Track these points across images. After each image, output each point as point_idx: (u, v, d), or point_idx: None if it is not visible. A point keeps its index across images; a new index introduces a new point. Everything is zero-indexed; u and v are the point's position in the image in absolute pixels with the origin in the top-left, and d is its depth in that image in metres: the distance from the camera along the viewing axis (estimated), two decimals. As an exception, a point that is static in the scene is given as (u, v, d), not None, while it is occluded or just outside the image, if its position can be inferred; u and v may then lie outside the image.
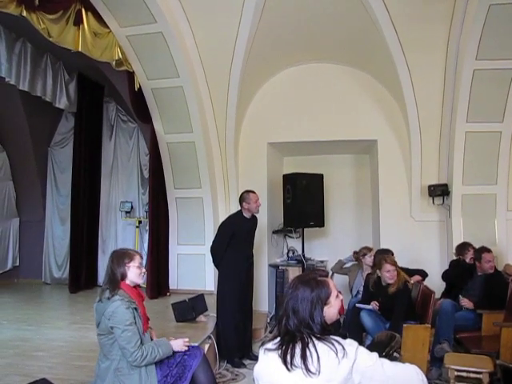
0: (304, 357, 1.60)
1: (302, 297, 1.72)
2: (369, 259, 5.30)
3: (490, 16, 4.72)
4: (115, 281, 2.78)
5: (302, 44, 6.16)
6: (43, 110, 7.38)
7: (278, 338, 1.72)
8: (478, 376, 3.24)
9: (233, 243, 4.62)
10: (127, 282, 2.83)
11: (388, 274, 4.30)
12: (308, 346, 1.62)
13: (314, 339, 1.64)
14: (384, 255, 4.64)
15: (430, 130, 5.97)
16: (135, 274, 2.85)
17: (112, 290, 2.73)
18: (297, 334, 1.66)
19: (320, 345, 1.62)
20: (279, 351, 1.66)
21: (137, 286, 2.96)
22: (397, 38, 5.38)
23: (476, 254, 4.71)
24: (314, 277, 1.80)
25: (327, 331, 1.68)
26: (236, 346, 4.59)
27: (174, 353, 2.88)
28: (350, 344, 1.64)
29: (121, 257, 2.86)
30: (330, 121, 6.42)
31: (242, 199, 4.77)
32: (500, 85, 5.32)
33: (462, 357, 3.61)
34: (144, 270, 2.95)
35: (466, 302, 4.39)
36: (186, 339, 2.98)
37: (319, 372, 1.57)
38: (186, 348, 2.93)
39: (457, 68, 5.40)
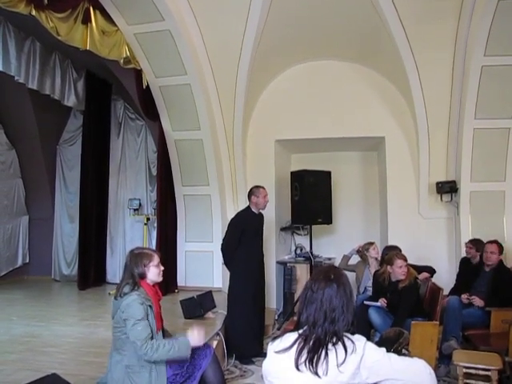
0: (314, 354, 1.60)
1: (331, 294, 1.69)
2: (373, 252, 5.36)
3: (499, 12, 4.69)
4: (135, 279, 2.80)
5: (309, 41, 6.14)
6: (52, 108, 7.42)
7: (287, 335, 1.72)
8: (486, 373, 3.24)
9: (244, 240, 4.63)
10: (147, 281, 2.86)
11: (400, 270, 4.30)
12: (321, 345, 1.61)
13: (331, 339, 1.62)
14: (395, 251, 4.65)
15: (438, 126, 5.93)
16: (155, 273, 2.88)
17: (132, 287, 2.76)
18: (318, 332, 1.64)
19: (334, 343, 1.61)
20: (290, 348, 1.65)
21: (155, 284, 2.97)
22: (404, 34, 5.35)
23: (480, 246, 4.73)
24: (335, 272, 1.77)
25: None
26: (246, 343, 4.57)
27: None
28: (358, 339, 1.64)
29: (139, 257, 2.86)
30: (338, 118, 6.40)
31: (250, 193, 4.79)
32: (508, 81, 5.26)
33: (471, 354, 3.61)
34: (162, 267, 2.96)
35: (477, 301, 4.36)
36: (202, 332, 2.90)
37: (328, 369, 1.57)
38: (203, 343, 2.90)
39: (465, 64, 5.36)
